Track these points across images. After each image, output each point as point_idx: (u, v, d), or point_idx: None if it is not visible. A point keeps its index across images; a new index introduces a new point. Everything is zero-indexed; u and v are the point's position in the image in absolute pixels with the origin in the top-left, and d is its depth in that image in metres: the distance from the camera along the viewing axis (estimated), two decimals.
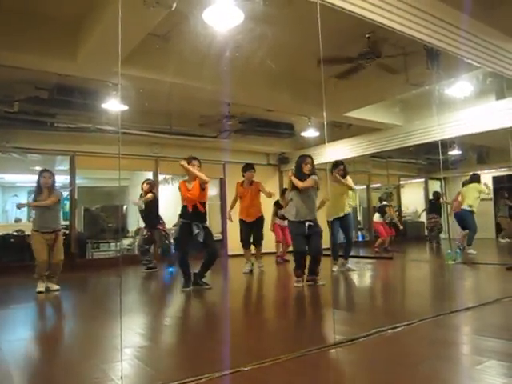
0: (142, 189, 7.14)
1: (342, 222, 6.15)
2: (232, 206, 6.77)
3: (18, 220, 11.08)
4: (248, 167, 6.61)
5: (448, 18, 4.14)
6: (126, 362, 2.38)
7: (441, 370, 2.20)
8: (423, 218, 11.85)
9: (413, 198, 14.44)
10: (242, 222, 6.65)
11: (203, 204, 5.00)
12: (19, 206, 5.73)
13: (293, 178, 5.10)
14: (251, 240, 6.70)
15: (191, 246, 5.02)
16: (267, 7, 4.47)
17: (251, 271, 6.61)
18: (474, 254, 7.86)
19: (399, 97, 7.55)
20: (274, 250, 8.42)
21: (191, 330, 3.38)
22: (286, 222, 7.08)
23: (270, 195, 6.47)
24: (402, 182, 13.94)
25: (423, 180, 14.13)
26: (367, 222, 12.54)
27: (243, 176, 6.63)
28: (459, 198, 8.39)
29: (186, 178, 5.16)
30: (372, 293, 5.02)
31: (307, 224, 4.93)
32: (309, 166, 5.17)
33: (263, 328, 3.37)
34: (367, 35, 5.34)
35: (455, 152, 10.32)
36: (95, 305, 4.62)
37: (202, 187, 4.92)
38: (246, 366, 2.25)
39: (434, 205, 10.41)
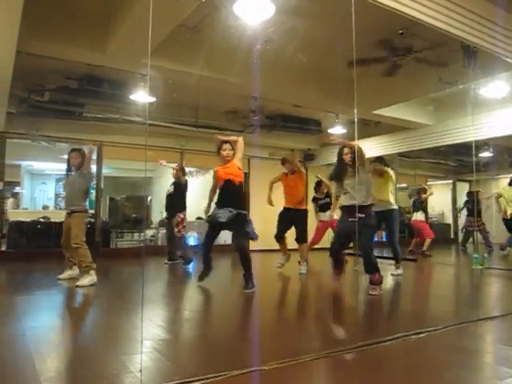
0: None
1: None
2: None
3: (45, 207, 11.33)
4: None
5: (484, 12, 3.98)
6: (146, 355, 2.36)
7: (465, 379, 2.12)
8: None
9: (439, 199, 14.14)
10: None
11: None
12: None
13: None
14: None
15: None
16: (299, 0, 4.40)
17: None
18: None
19: (431, 95, 7.34)
20: None
21: (212, 324, 3.36)
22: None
23: None
24: (429, 183, 13.65)
25: (451, 181, 13.82)
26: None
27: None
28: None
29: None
30: (397, 296, 4.90)
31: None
32: (349, 155, 4.53)
33: (284, 327, 3.33)
34: (400, 31, 5.20)
35: (487, 154, 10.03)
36: (117, 295, 4.66)
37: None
38: (265, 365, 2.21)
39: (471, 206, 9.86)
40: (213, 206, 4.82)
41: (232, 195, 4.54)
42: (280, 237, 6.20)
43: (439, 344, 2.72)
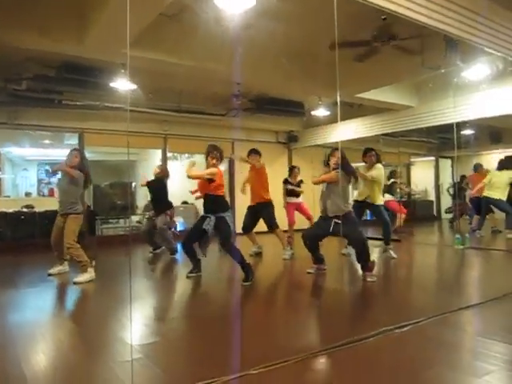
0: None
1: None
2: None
3: (28, 194, 11.17)
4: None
5: (465, 2, 3.96)
6: (136, 362, 2.40)
7: (446, 378, 2.21)
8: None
9: (422, 176, 14.32)
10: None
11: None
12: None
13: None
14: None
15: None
16: None
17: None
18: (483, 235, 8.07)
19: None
20: None
21: (200, 323, 3.41)
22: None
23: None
24: (411, 160, 13.80)
25: (433, 158, 13.97)
26: None
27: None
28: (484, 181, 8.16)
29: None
30: (378, 284, 4.98)
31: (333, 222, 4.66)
32: (335, 159, 4.73)
33: (271, 325, 3.40)
34: (383, 17, 5.16)
35: (468, 132, 10.16)
36: (104, 290, 4.67)
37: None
38: (253, 369, 2.27)
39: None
40: None
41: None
42: (246, 231, 6.54)
43: (421, 338, 2.81)
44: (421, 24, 3.71)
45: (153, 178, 6.92)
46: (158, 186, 6.82)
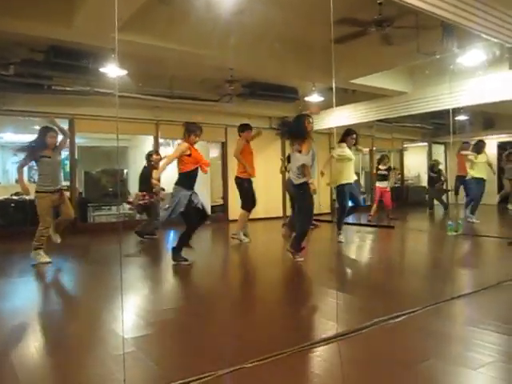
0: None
1: (351, 189, 6.21)
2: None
3: (18, 180, 11.01)
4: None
5: None
6: (129, 355, 2.37)
7: (440, 371, 2.20)
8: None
9: (415, 162, 14.32)
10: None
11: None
12: None
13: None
14: None
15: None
16: None
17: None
18: (477, 222, 8.01)
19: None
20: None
21: (192, 314, 3.38)
22: None
23: None
24: (404, 146, 13.76)
25: (426, 144, 13.95)
26: (369, 186, 12.45)
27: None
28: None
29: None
30: (373, 271, 4.99)
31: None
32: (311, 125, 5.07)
33: (265, 316, 3.38)
34: (379, 1, 5.07)
35: (462, 117, 10.14)
36: (96, 278, 4.63)
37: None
38: (248, 362, 2.25)
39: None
40: None
41: None
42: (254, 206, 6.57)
43: (415, 329, 2.81)
44: (416, 9, 3.63)
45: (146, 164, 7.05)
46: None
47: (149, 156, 7.26)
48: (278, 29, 6.00)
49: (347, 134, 6.44)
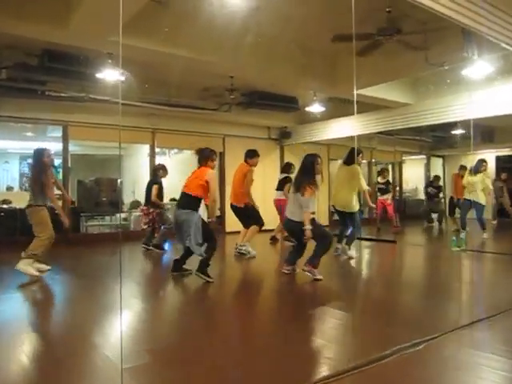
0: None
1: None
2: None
3: (9, 188, 10.76)
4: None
5: None
6: None
7: None
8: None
9: (413, 174, 14.19)
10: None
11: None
12: None
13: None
14: None
15: None
16: None
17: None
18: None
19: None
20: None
21: (194, 333, 3.13)
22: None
23: None
24: (403, 158, 13.62)
25: (425, 157, 13.82)
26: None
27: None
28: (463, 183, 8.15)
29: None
30: (381, 291, 4.71)
31: None
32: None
33: (268, 346, 3.13)
34: (387, 9, 4.91)
35: (459, 131, 10.02)
36: (90, 296, 4.34)
37: None
38: None
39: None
40: None
41: None
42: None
43: (438, 359, 2.57)
44: (435, 13, 3.44)
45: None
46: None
47: (155, 170, 7.07)
48: (281, 36, 5.84)
49: (358, 154, 6.17)
